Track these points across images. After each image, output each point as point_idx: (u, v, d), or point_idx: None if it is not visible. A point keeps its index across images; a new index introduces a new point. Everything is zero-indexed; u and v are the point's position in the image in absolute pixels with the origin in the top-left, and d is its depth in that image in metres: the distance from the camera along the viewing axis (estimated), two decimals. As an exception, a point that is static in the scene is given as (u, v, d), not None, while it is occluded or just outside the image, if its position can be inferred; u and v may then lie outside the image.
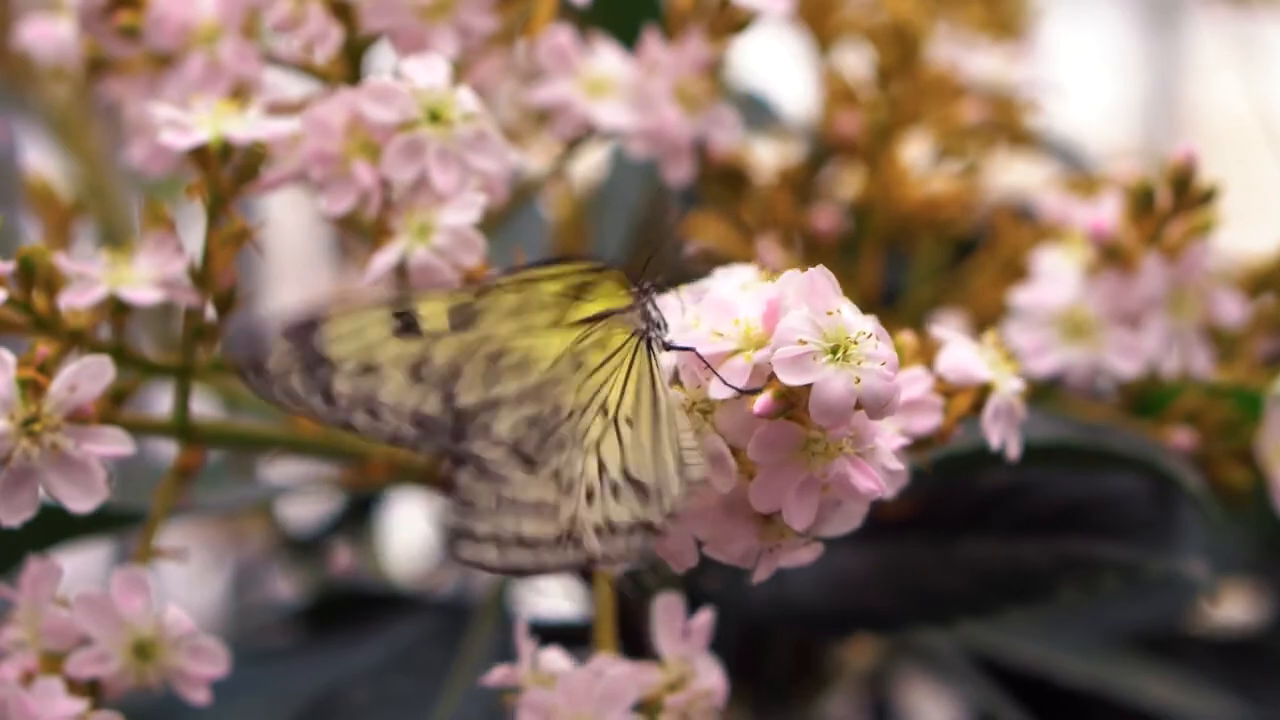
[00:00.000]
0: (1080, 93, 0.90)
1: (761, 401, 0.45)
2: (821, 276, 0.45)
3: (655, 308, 0.48)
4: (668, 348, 0.48)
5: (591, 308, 0.48)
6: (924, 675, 0.85)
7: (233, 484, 0.79)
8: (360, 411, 0.47)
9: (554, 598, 0.78)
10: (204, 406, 0.59)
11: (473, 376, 0.47)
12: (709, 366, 0.46)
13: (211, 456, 0.61)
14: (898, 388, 0.45)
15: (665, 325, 0.48)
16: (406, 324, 0.47)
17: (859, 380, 0.44)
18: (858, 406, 0.45)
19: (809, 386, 0.44)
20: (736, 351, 0.46)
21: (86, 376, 0.50)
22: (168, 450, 0.62)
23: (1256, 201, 0.86)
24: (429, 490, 0.71)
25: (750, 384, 0.46)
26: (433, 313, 0.47)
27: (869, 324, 0.45)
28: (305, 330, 0.46)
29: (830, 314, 0.45)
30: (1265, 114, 1.07)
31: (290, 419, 0.67)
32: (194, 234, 0.56)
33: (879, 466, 0.47)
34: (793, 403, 0.45)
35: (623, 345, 0.48)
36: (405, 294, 0.48)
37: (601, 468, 0.46)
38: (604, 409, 0.47)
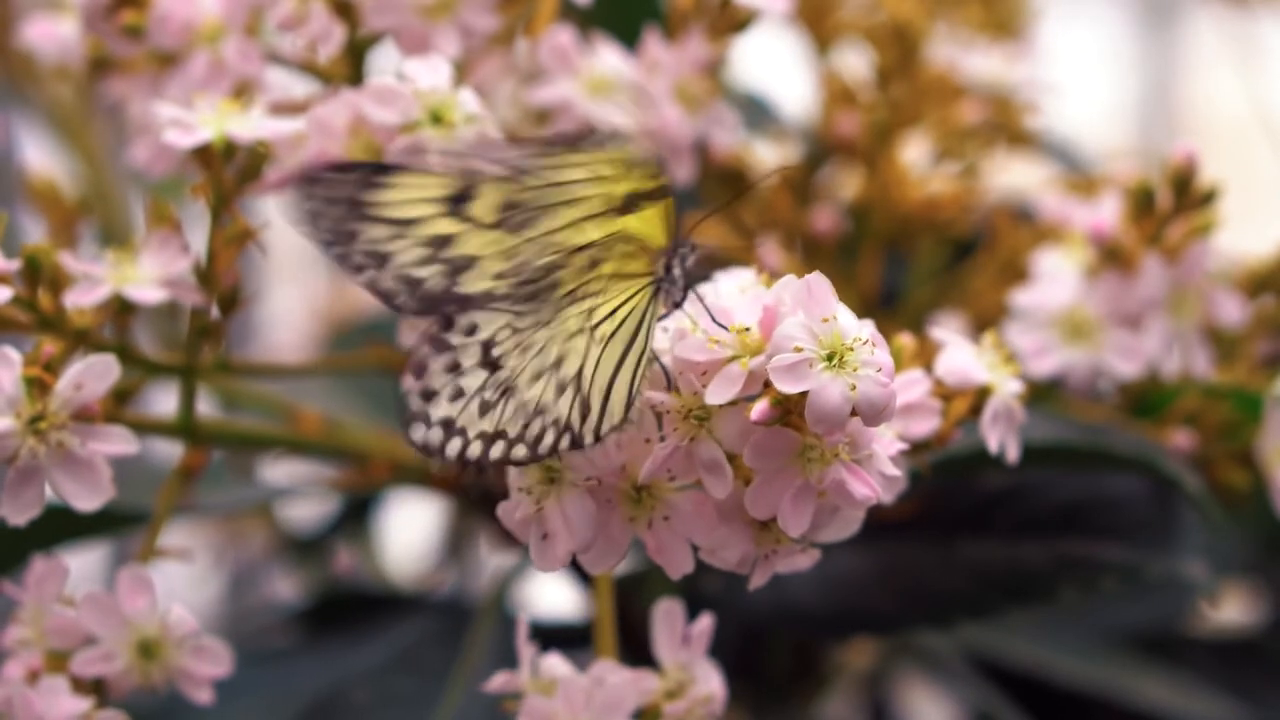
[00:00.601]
0: (1078, 91, 0.90)
1: (758, 408, 0.45)
2: (818, 282, 0.45)
3: (681, 267, 0.48)
4: (676, 305, 0.48)
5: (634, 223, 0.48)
6: (923, 676, 0.85)
7: (233, 484, 0.79)
8: (361, 255, 0.47)
9: (554, 599, 0.79)
10: (203, 406, 0.59)
11: (485, 269, 0.47)
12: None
13: (212, 457, 0.61)
14: (894, 394, 0.45)
15: (682, 287, 0.48)
16: (458, 204, 0.47)
17: (855, 387, 0.44)
18: (854, 413, 0.45)
19: (805, 393, 0.44)
20: (733, 358, 0.46)
21: (92, 375, 0.50)
22: (165, 450, 0.62)
23: (1254, 200, 0.86)
24: (429, 491, 0.71)
25: (746, 390, 0.46)
26: (486, 203, 0.47)
27: (866, 330, 0.45)
28: (374, 172, 0.47)
29: (826, 320, 0.45)
30: (1263, 112, 1.07)
31: (292, 420, 0.67)
32: (194, 234, 0.56)
33: (876, 472, 0.47)
34: (789, 409, 0.45)
35: (638, 275, 0.48)
36: (473, 177, 0.47)
37: (559, 361, 0.47)
38: (590, 313, 0.47)
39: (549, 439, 0.46)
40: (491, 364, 0.47)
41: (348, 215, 0.47)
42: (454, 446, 0.46)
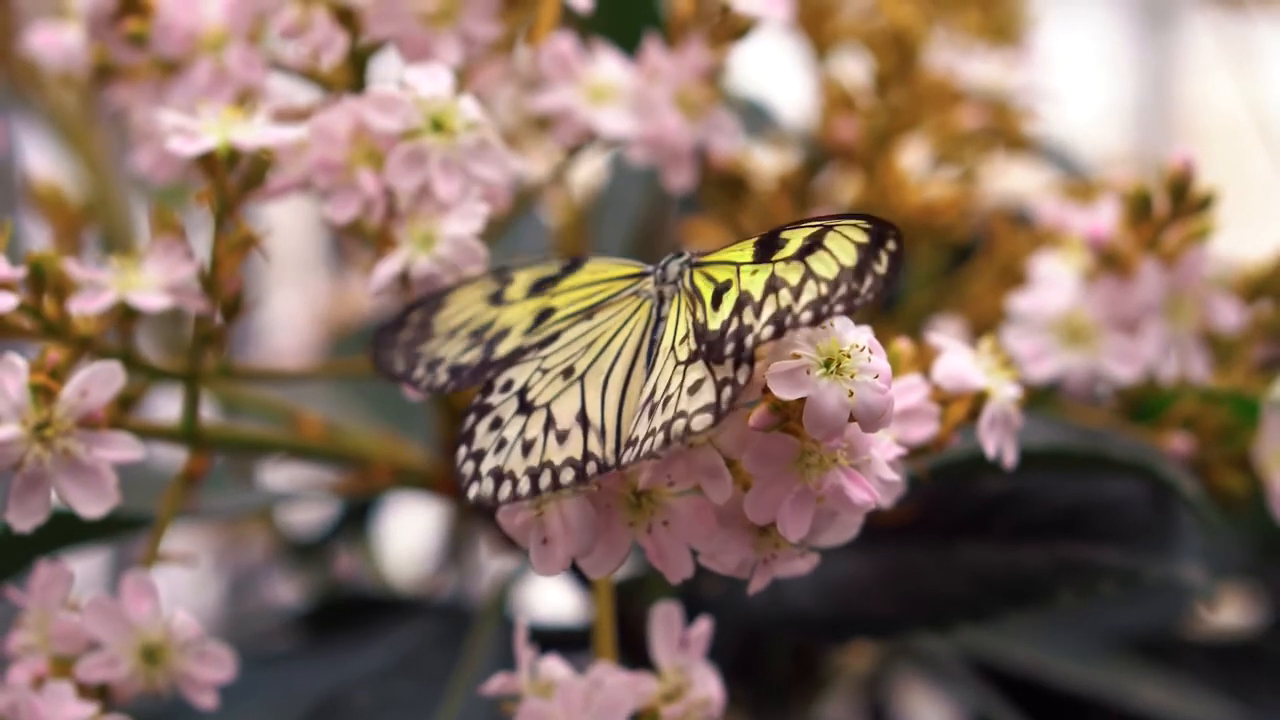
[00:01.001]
0: (1075, 94, 0.90)
1: (757, 414, 0.46)
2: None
3: (665, 282, 0.49)
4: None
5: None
6: (921, 679, 0.85)
7: (235, 489, 0.80)
8: (422, 368, 0.51)
9: (554, 602, 0.79)
10: (204, 410, 0.59)
11: (515, 332, 0.50)
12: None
13: (214, 462, 0.61)
14: (891, 401, 0.45)
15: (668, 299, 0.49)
16: (498, 293, 0.51)
17: (852, 394, 0.45)
18: (851, 419, 0.45)
19: (803, 400, 0.45)
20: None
21: (97, 382, 0.51)
22: (168, 454, 0.62)
23: (1250, 203, 0.86)
24: (429, 495, 0.72)
25: (747, 396, 0.46)
26: (519, 286, 0.51)
27: (863, 337, 0.46)
28: (434, 303, 0.52)
29: (824, 327, 0.45)
30: (1259, 115, 1.07)
31: (294, 425, 0.67)
32: (198, 240, 0.56)
33: (874, 477, 0.47)
34: (788, 415, 0.46)
35: (636, 309, 0.49)
36: (508, 268, 0.52)
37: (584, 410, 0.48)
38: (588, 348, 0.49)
39: (591, 466, 0.47)
40: (528, 407, 0.48)
41: (416, 340, 0.51)
42: (505, 490, 0.47)
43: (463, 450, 0.48)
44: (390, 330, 0.51)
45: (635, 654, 0.54)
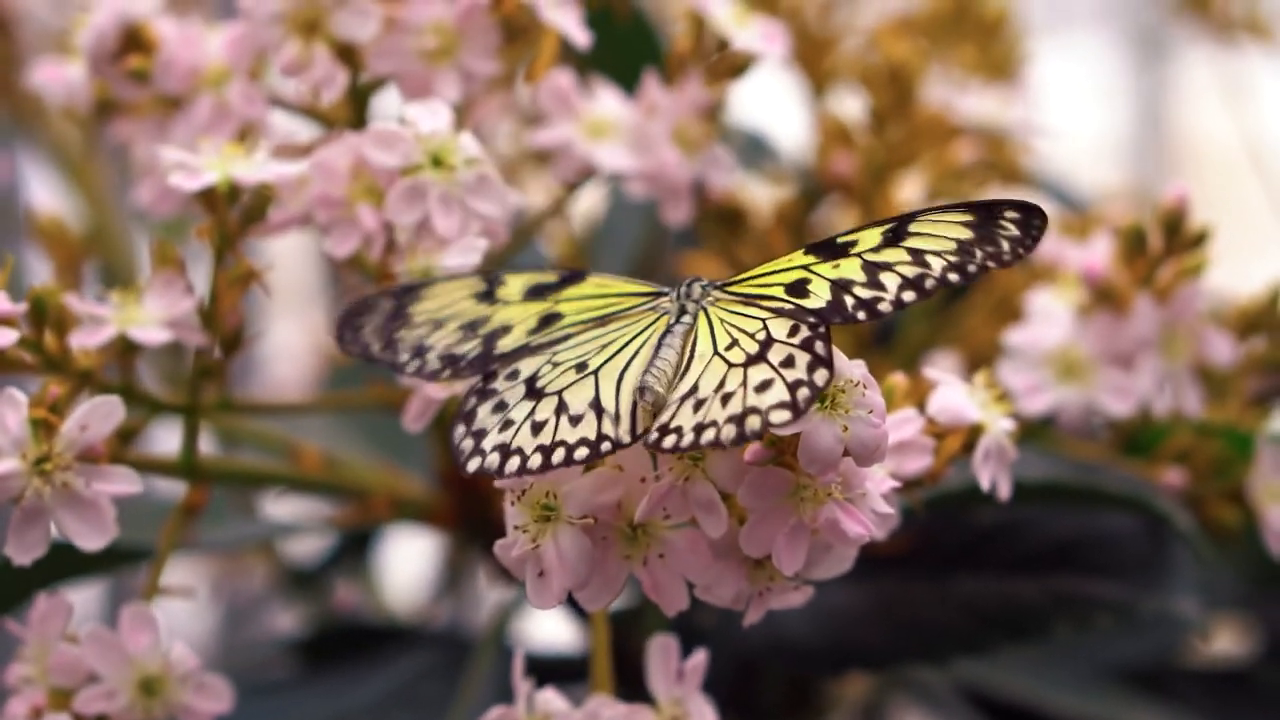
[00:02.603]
0: (1070, 127, 0.91)
1: (752, 449, 0.46)
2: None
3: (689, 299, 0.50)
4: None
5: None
6: (917, 708, 0.85)
7: (235, 521, 0.80)
8: (407, 353, 0.51)
9: (552, 631, 0.79)
10: (202, 442, 0.59)
11: (518, 332, 0.50)
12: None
13: (213, 493, 0.62)
14: (885, 435, 0.46)
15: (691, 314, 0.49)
16: (487, 292, 0.51)
17: (847, 429, 0.45)
18: (846, 454, 0.45)
19: (798, 435, 0.45)
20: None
21: (98, 416, 0.51)
22: (166, 486, 0.62)
23: (1244, 235, 0.86)
24: (428, 526, 0.72)
25: None
26: (512, 289, 0.51)
27: (857, 371, 0.46)
28: (408, 294, 0.51)
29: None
30: (1253, 148, 1.08)
31: (293, 457, 0.67)
32: (197, 274, 0.57)
33: (868, 510, 0.47)
34: (782, 450, 0.46)
35: (654, 320, 0.50)
36: (498, 271, 0.52)
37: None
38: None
39: (604, 445, 0.47)
40: (537, 393, 0.48)
41: (392, 327, 0.51)
42: (513, 464, 0.47)
43: (461, 429, 0.48)
44: (357, 314, 0.51)
45: (632, 685, 0.55)
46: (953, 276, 0.47)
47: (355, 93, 0.61)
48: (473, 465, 0.48)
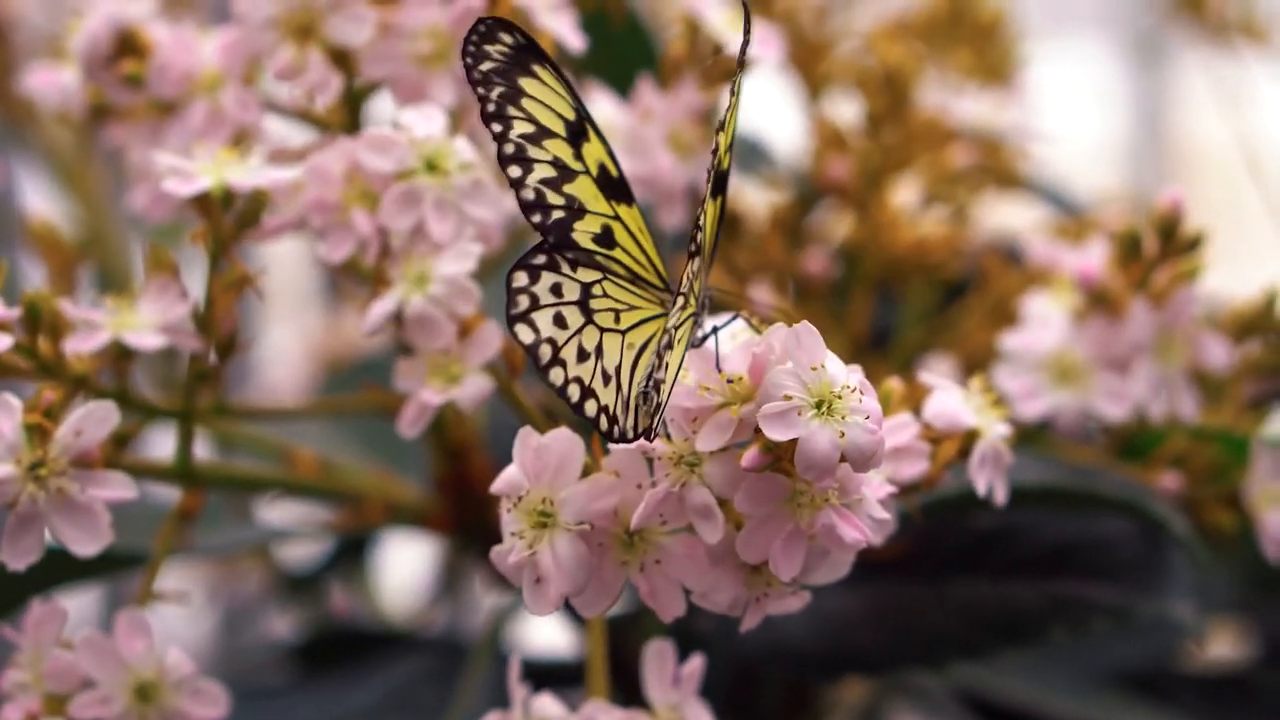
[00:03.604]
0: (1067, 131, 0.91)
1: (749, 455, 0.46)
2: (807, 331, 0.46)
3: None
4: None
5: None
6: (914, 712, 0.85)
7: (230, 525, 0.80)
8: (512, 146, 0.50)
9: (548, 636, 0.79)
10: (198, 447, 0.59)
11: (589, 225, 0.50)
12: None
13: (208, 497, 0.61)
14: (882, 441, 0.46)
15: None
16: (576, 138, 0.50)
17: (843, 435, 0.45)
18: (843, 459, 0.45)
19: (795, 441, 0.45)
20: (723, 405, 0.47)
21: (92, 421, 0.51)
22: (161, 491, 0.62)
23: (1241, 239, 0.86)
24: (423, 531, 0.72)
25: (737, 437, 0.47)
26: (593, 153, 0.51)
27: (854, 377, 0.46)
28: (531, 52, 0.50)
29: (815, 369, 0.45)
30: (1250, 152, 1.08)
31: (288, 462, 0.67)
32: (193, 278, 0.57)
33: (865, 516, 0.47)
34: (779, 456, 0.46)
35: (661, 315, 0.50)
36: (588, 117, 0.51)
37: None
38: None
39: (615, 429, 0.48)
40: (589, 313, 0.49)
41: (507, 95, 0.49)
42: (557, 375, 0.48)
43: (523, 277, 0.48)
44: (486, 37, 0.49)
45: (628, 691, 0.55)
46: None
47: (350, 97, 0.61)
48: (523, 333, 0.48)
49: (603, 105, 0.64)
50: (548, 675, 0.58)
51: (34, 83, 0.65)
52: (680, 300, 0.48)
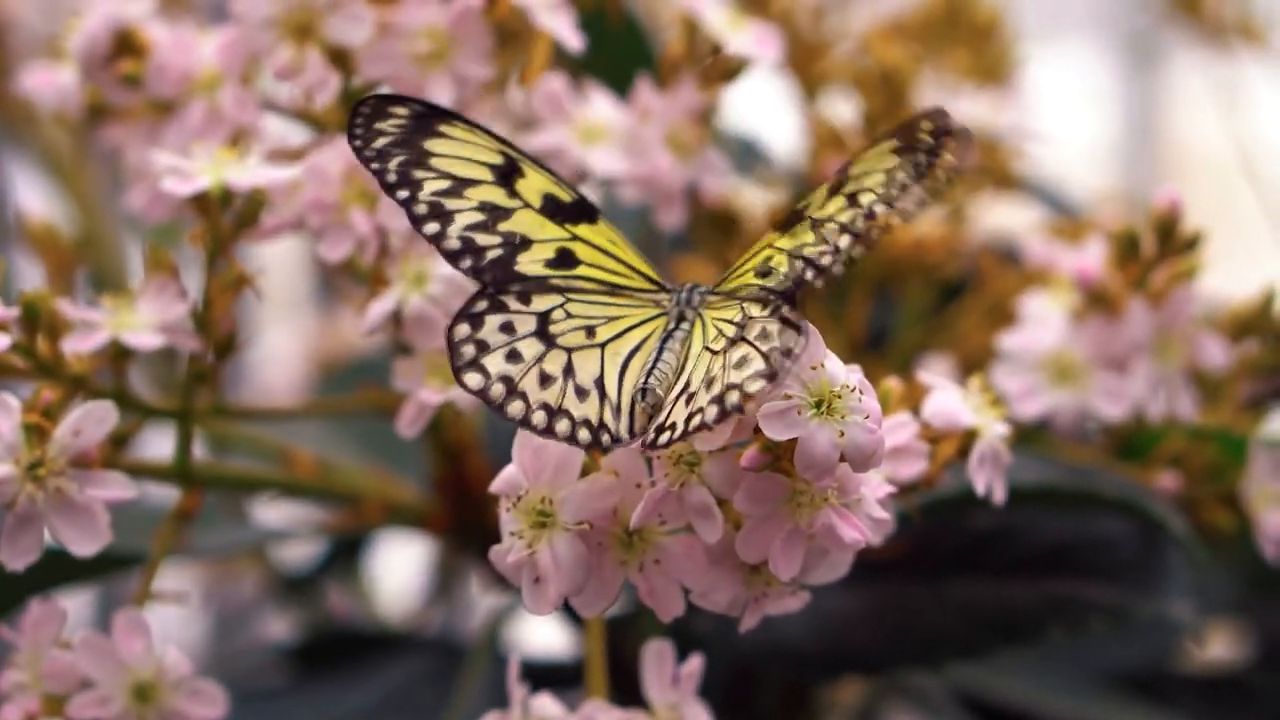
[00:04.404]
0: (1062, 131, 0.91)
1: (748, 454, 0.46)
2: (807, 331, 0.46)
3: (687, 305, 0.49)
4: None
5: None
6: (912, 713, 0.85)
7: (226, 526, 0.80)
8: (425, 207, 0.49)
9: (546, 636, 0.79)
10: (194, 447, 0.59)
11: (537, 254, 0.50)
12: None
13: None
14: (881, 441, 0.45)
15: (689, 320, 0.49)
16: (507, 174, 0.50)
17: (843, 434, 0.45)
18: (842, 460, 0.45)
19: (794, 440, 0.45)
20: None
21: (91, 421, 0.51)
22: (157, 491, 0.62)
23: (1235, 239, 0.86)
24: (420, 532, 0.72)
25: (736, 437, 0.46)
26: (531, 186, 0.50)
27: (854, 377, 0.46)
28: (432, 116, 0.50)
29: (815, 368, 0.45)
30: (1245, 153, 1.08)
31: (286, 462, 0.67)
32: (189, 279, 0.57)
33: (864, 516, 0.47)
34: (778, 455, 0.46)
35: (655, 316, 0.50)
36: (520, 156, 0.50)
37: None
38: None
39: (604, 436, 0.47)
40: (549, 338, 0.48)
41: (410, 161, 0.49)
42: (516, 407, 0.47)
43: (465, 329, 0.48)
44: (374, 116, 0.49)
45: (627, 691, 0.55)
46: (880, 209, 0.46)
47: (348, 97, 0.61)
48: (471, 380, 0.47)
49: (601, 105, 0.64)
50: (545, 676, 0.58)
51: (31, 83, 0.65)
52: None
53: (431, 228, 0.49)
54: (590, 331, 0.49)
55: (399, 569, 1.06)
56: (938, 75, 0.83)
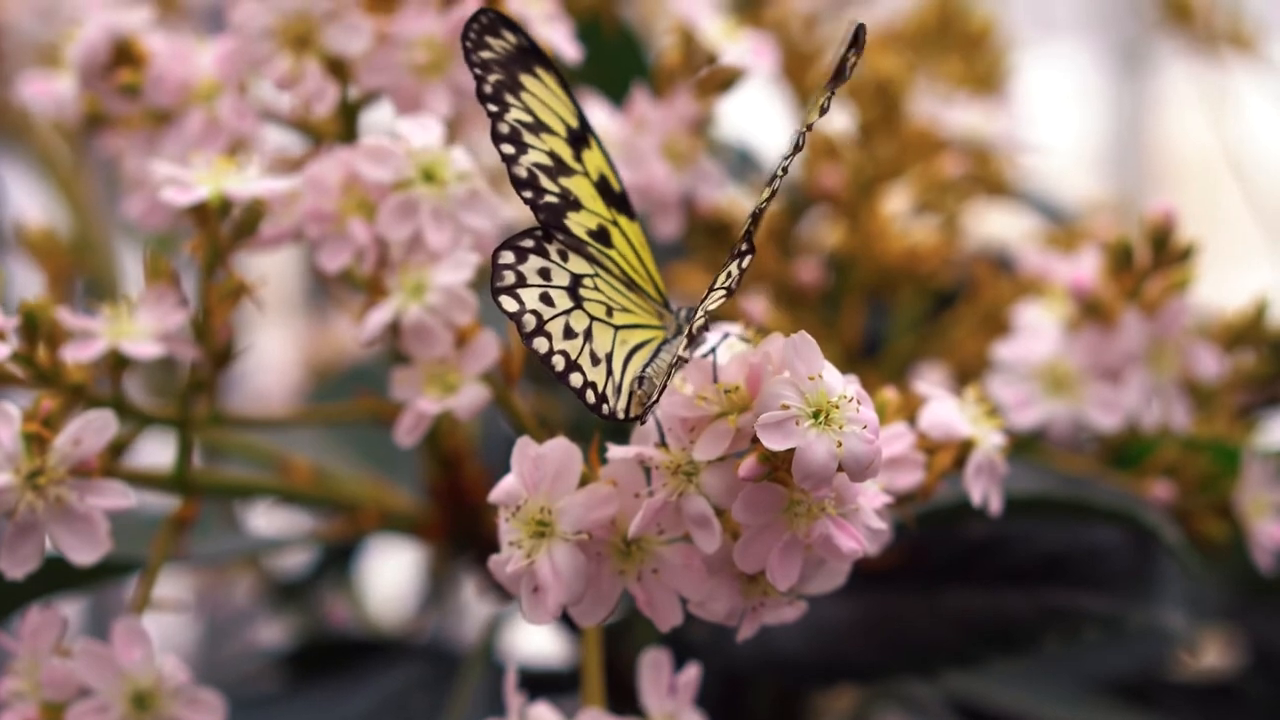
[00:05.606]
0: (1051, 136, 0.91)
1: (746, 465, 0.46)
2: (805, 341, 0.46)
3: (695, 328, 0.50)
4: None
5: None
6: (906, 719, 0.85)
7: (222, 534, 0.80)
8: (507, 127, 0.51)
9: (542, 644, 0.79)
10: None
11: (583, 220, 0.51)
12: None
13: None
14: (879, 451, 0.46)
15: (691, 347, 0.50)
16: (574, 142, 0.52)
17: (841, 444, 0.45)
18: (840, 470, 0.45)
19: (792, 450, 0.45)
20: (721, 414, 0.47)
21: (90, 430, 0.51)
22: (153, 499, 0.62)
23: (1224, 245, 0.87)
24: (415, 539, 0.72)
25: (734, 447, 0.47)
26: (593, 161, 0.52)
27: (851, 387, 0.46)
28: (534, 56, 0.51)
29: (813, 378, 0.46)
30: (1234, 159, 1.08)
31: (282, 469, 0.67)
32: (188, 284, 0.57)
33: (861, 526, 0.47)
34: (776, 465, 0.46)
35: (659, 324, 0.51)
36: (591, 131, 0.52)
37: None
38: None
39: (604, 407, 0.48)
40: (578, 300, 0.49)
41: (505, 84, 0.51)
42: (541, 344, 0.48)
43: (510, 255, 0.49)
44: (489, 29, 0.51)
45: (623, 699, 0.55)
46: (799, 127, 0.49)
47: (346, 107, 0.61)
48: (508, 303, 0.48)
49: (598, 115, 0.64)
50: (540, 683, 0.58)
51: (29, 91, 0.65)
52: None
53: (508, 149, 0.51)
54: (609, 310, 0.50)
55: (391, 575, 1.06)
56: (931, 84, 0.83)
